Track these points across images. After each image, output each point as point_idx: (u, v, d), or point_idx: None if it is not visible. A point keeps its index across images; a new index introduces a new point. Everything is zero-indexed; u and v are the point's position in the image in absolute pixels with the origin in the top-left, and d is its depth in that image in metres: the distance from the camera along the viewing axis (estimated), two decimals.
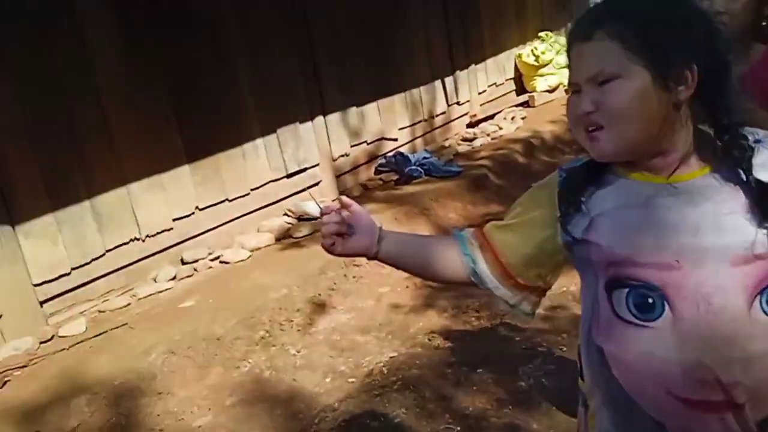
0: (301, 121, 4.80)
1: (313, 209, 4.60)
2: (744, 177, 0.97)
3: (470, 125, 6.74)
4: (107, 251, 3.67)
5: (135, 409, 2.72)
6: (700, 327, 0.96)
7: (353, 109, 5.31)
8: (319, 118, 4.95)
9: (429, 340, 3.00)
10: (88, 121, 3.57)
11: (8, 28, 3.25)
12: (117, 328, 3.27)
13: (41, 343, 3.22)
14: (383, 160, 5.48)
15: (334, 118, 5.11)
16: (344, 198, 1.21)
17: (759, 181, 0.96)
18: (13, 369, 2.96)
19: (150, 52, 3.82)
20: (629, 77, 0.96)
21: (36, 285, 3.34)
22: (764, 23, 1.68)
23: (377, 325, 3.25)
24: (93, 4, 3.58)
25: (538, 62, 7.27)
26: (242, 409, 2.71)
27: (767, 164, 0.97)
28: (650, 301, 0.98)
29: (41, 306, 3.38)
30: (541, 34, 7.51)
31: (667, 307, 0.97)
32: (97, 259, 3.63)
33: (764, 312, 0.96)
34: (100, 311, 3.55)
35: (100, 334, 3.21)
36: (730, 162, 0.99)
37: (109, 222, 3.66)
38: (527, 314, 1.19)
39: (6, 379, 2.90)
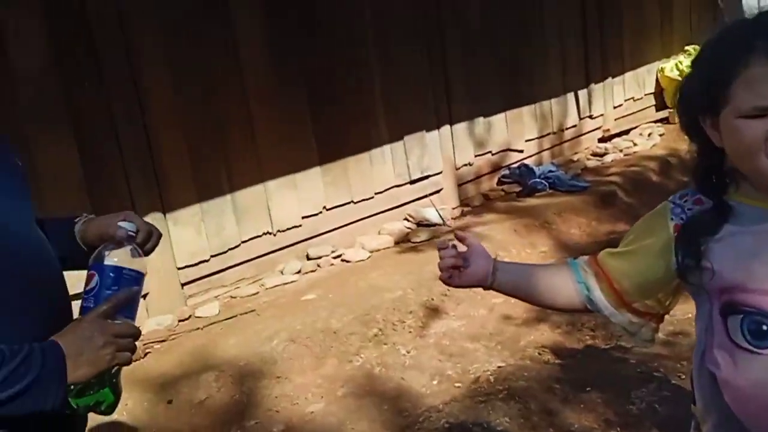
0: (428, 130, 4.91)
1: (433, 216, 4.69)
2: None
3: (602, 140, 6.53)
4: (242, 242, 3.97)
5: (255, 389, 2.94)
6: None
7: (480, 119, 5.35)
8: (446, 127, 5.04)
9: (539, 354, 2.98)
10: (235, 120, 3.90)
11: (171, 29, 3.63)
12: (245, 313, 3.54)
13: (179, 321, 3.56)
14: (507, 171, 5.46)
15: (460, 127, 5.18)
16: (460, 233, 1.27)
17: None
18: (154, 342, 3.30)
19: (293, 60, 4.10)
20: None
21: (179, 268, 3.70)
22: None
23: (487, 334, 3.27)
24: (246, 9, 3.91)
25: (682, 77, 6.89)
26: (352, 400, 2.84)
27: None
28: (765, 328, 0.96)
29: (182, 288, 3.73)
30: (688, 47, 7.11)
31: None
32: (233, 248, 3.94)
33: None
34: (231, 297, 3.86)
35: (231, 317, 3.49)
36: None
37: (246, 215, 3.97)
38: (647, 341, 1.20)
39: (147, 350, 3.24)
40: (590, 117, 6.45)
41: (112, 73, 3.38)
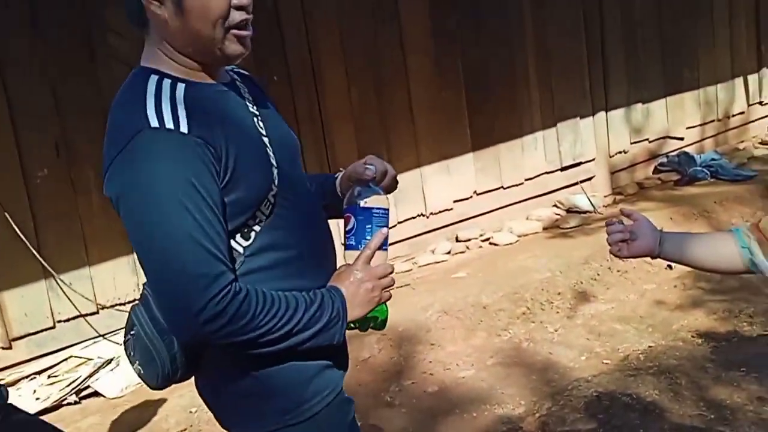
0: (582, 116, 4.91)
1: (583, 203, 4.71)
2: None
3: None
4: (398, 223, 4.28)
5: (412, 353, 3.21)
6: None
7: (638, 106, 5.24)
8: (601, 114, 5.01)
9: (692, 337, 2.97)
10: (397, 110, 4.20)
11: (349, 22, 4.00)
12: (402, 287, 3.83)
13: None
14: (665, 159, 5.30)
15: (616, 113, 5.12)
16: (624, 208, 1.41)
17: None
18: None
19: (452, 50, 4.33)
20: None
21: None
22: None
23: (638, 317, 3.29)
24: (411, 6, 4.19)
25: None
26: (501, 369, 3.03)
27: None
28: None
29: None
30: None
31: None
32: (391, 227, 4.25)
33: None
34: None
35: None
36: None
37: (403, 198, 4.26)
38: None
39: None
40: (760, 104, 6.03)
41: (296, 70, 3.82)
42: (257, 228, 1.18)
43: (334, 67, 3.96)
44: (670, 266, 3.79)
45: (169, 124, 1.08)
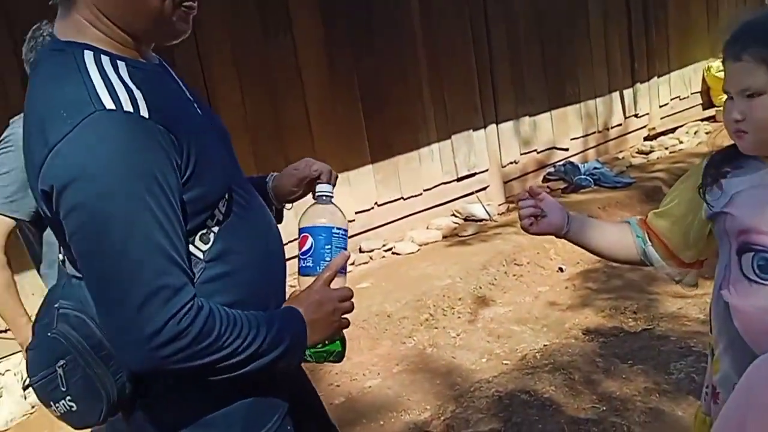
0: (475, 129, 5.11)
1: (479, 212, 4.88)
2: None
3: (648, 138, 6.60)
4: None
5: (317, 365, 3.17)
6: None
7: (526, 119, 5.52)
8: (492, 126, 5.22)
9: (583, 334, 3.14)
10: (294, 123, 4.17)
11: (240, 34, 3.94)
12: None
13: None
14: (552, 169, 5.61)
15: (506, 126, 5.36)
16: (534, 187, 1.45)
17: None
18: None
19: (347, 66, 4.37)
20: None
21: None
22: None
23: (533, 318, 3.44)
24: (306, 17, 4.19)
25: None
26: (407, 376, 3.06)
27: None
28: None
29: None
30: None
31: None
32: (291, 241, 4.21)
33: None
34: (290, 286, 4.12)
35: None
36: None
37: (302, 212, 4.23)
38: (691, 285, 1.42)
39: None
40: (635, 116, 6.52)
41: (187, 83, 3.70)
42: (215, 229, 1.06)
43: (227, 81, 3.89)
44: (561, 269, 4.00)
45: (127, 107, 0.93)
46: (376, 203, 4.62)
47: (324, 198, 1.27)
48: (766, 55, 1.15)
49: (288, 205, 1.46)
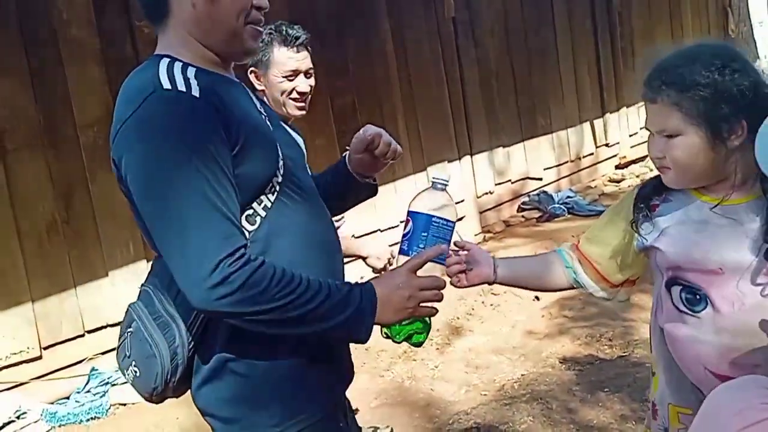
0: (450, 160, 5.17)
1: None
2: None
3: (619, 167, 6.73)
4: None
5: None
6: (733, 320, 1.19)
7: (500, 150, 5.60)
8: (466, 158, 5.30)
9: (560, 362, 3.16)
10: None
11: None
12: None
13: None
14: (527, 198, 5.68)
15: (480, 157, 5.44)
16: (459, 241, 1.44)
17: None
18: None
19: (323, 98, 4.42)
20: (687, 135, 1.18)
21: None
22: None
23: (511, 348, 3.45)
24: None
25: None
26: (386, 409, 3.04)
27: None
28: (698, 297, 1.23)
29: None
30: None
31: (709, 304, 1.21)
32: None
33: None
34: None
35: None
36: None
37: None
38: (622, 300, 1.47)
39: None
40: (606, 145, 6.66)
41: None
42: (262, 213, 1.15)
43: None
44: (537, 297, 4.03)
45: (181, 87, 1.08)
46: (353, 235, 4.61)
47: (436, 185, 1.26)
48: (678, 99, 1.18)
49: (374, 179, 1.53)
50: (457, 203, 5.28)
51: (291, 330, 1.10)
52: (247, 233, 1.13)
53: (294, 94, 2.20)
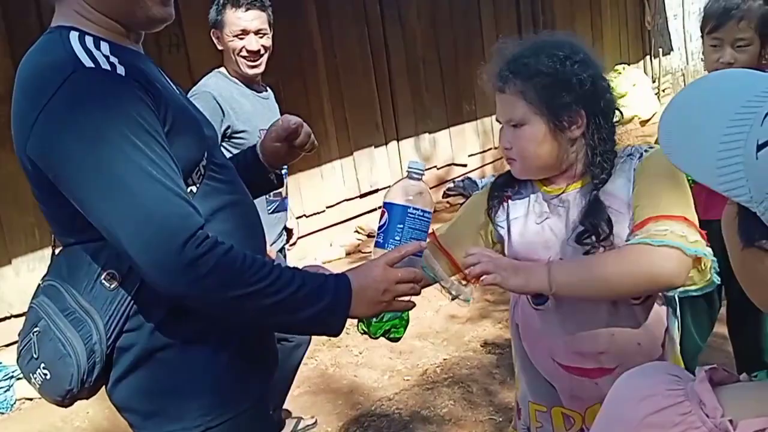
0: (376, 146, 5.16)
1: None
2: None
3: None
4: None
5: None
6: (574, 310, 1.22)
7: (426, 136, 5.63)
8: (393, 143, 5.30)
9: (481, 346, 3.22)
10: None
11: None
12: None
13: None
14: (452, 185, 5.75)
15: (407, 143, 5.45)
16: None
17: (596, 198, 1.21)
18: None
19: None
20: (532, 124, 1.21)
21: None
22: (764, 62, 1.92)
23: (434, 333, 3.49)
24: (200, 33, 4.09)
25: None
26: (308, 397, 3.01)
27: (616, 183, 1.20)
28: None
29: None
30: (618, 67, 7.60)
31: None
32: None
33: None
34: None
35: None
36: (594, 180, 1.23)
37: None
38: (467, 300, 1.40)
39: None
40: None
41: None
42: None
43: None
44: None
45: (105, 66, 1.00)
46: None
47: (412, 174, 1.21)
48: (522, 87, 1.20)
49: (283, 169, 1.49)
50: (383, 188, 5.28)
51: (261, 319, 1.07)
52: None
53: (243, 52, 2.31)
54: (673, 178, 1.18)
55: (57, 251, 1.17)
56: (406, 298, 1.16)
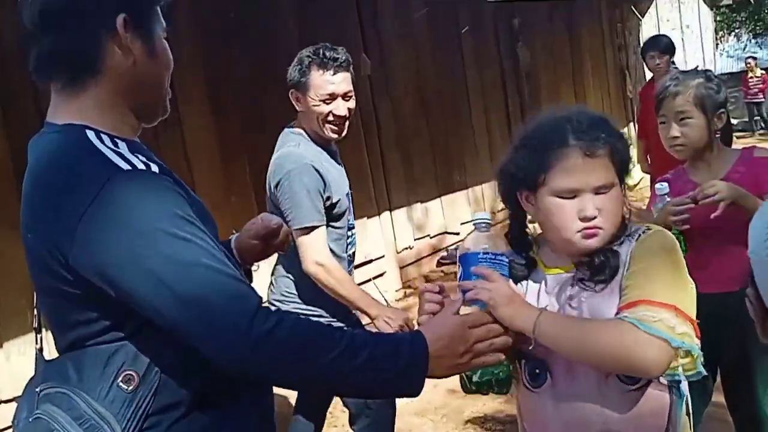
0: (369, 216, 5.18)
1: (377, 299, 4.89)
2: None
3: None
4: None
5: None
6: (569, 392, 1.21)
7: (418, 205, 5.68)
8: (386, 213, 5.33)
9: (481, 423, 3.14)
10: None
11: None
12: None
13: None
14: (445, 253, 5.76)
15: (399, 213, 5.48)
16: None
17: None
18: None
19: (240, 156, 4.36)
20: (617, 188, 1.24)
21: None
22: (717, 134, 2.02)
23: (433, 409, 3.41)
24: (196, 112, 4.17)
25: None
26: None
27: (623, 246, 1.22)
28: (537, 371, 1.25)
29: None
30: None
31: (548, 377, 1.24)
32: None
33: (619, 378, 1.19)
34: None
35: None
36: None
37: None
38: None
39: None
40: None
41: None
42: None
43: None
44: None
45: (141, 166, 1.02)
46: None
47: (480, 226, 1.23)
48: (609, 151, 1.21)
49: (255, 266, 1.47)
50: (377, 259, 5.25)
51: (339, 383, 1.08)
52: None
53: (330, 117, 2.18)
54: (670, 262, 1.19)
55: (46, 351, 1.14)
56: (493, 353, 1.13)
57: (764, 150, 2.01)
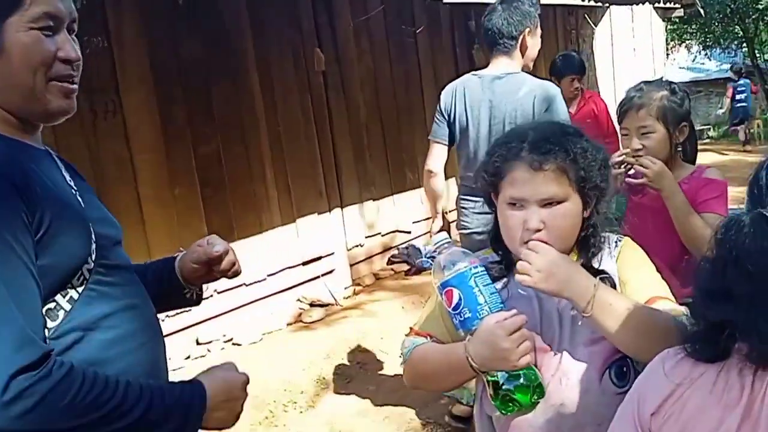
0: (320, 213, 5.11)
1: (325, 296, 4.84)
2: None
3: None
4: None
5: None
6: (561, 397, 1.20)
7: (370, 203, 5.63)
8: (337, 210, 5.27)
9: (423, 425, 3.13)
10: (123, 207, 3.89)
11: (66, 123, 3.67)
12: None
13: None
14: (396, 252, 5.73)
15: (351, 210, 5.43)
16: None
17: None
18: None
19: (185, 147, 4.22)
20: (572, 201, 1.25)
21: None
22: (678, 150, 2.06)
23: (375, 410, 3.38)
24: (139, 100, 4.02)
25: None
26: None
27: (603, 262, 1.26)
28: None
29: None
30: None
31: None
32: None
33: (613, 383, 1.19)
34: None
35: None
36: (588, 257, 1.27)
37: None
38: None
39: None
40: None
41: None
42: (67, 306, 1.02)
43: None
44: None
45: None
46: (215, 290, 4.39)
47: (444, 246, 1.23)
48: (564, 164, 1.23)
49: (206, 292, 1.42)
50: (327, 256, 5.19)
51: None
52: (47, 331, 0.99)
53: None
54: (648, 263, 1.30)
55: None
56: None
57: (716, 171, 2.04)
